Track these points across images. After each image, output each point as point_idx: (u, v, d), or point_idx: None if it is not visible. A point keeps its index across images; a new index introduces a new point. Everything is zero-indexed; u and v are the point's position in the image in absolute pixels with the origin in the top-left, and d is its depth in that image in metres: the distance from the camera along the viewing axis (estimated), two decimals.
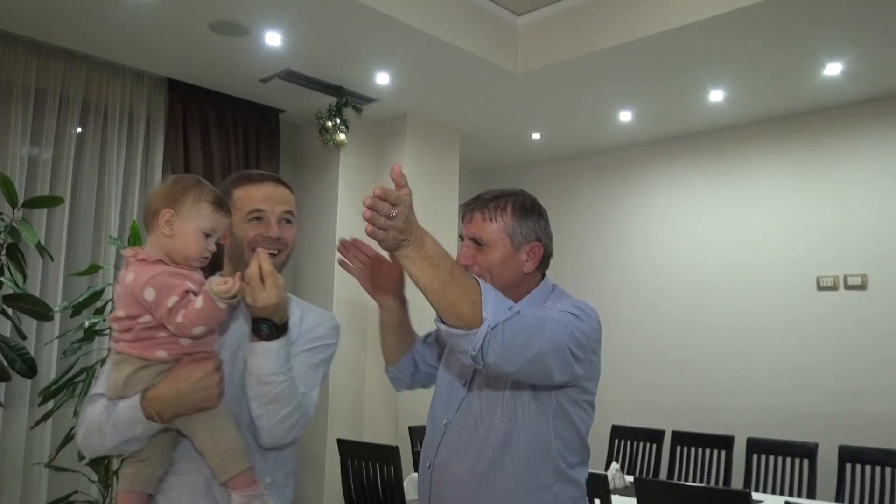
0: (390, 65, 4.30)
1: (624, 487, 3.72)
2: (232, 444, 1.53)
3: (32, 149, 4.04)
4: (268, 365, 1.55)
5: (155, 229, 1.54)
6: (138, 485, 1.54)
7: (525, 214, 1.77)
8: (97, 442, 1.53)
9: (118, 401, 1.51)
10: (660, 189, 5.64)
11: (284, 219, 1.73)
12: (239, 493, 1.51)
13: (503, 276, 1.74)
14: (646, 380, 5.47)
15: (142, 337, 1.49)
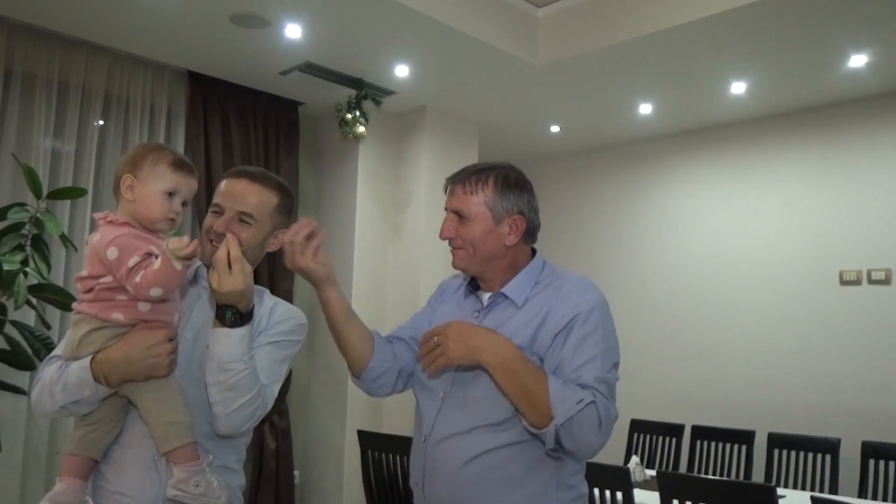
0: (409, 57, 4.29)
1: (644, 481, 3.70)
2: (177, 417, 1.53)
3: (55, 141, 4.07)
4: (229, 352, 1.56)
5: (120, 198, 1.57)
6: (83, 448, 1.55)
7: (507, 188, 1.79)
8: (48, 402, 1.54)
9: (70, 362, 1.53)
10: (680, 182, 5.61)
11: (239, 218, 1.73)
12: (180, 468, 1.51)
13: (485, 249, 1.77)
14: (665, 374, 5.44)
15: (101, 297, 1.51)
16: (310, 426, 5.16)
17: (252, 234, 1.73)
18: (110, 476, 1.59)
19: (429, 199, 5.04)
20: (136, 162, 1.57)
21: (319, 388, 5.11)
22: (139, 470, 1.58)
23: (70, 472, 1.53)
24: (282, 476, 4.76)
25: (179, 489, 1.50)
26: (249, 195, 1.75)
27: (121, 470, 1.59)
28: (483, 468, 1.69)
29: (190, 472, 1.51)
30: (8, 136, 3.87)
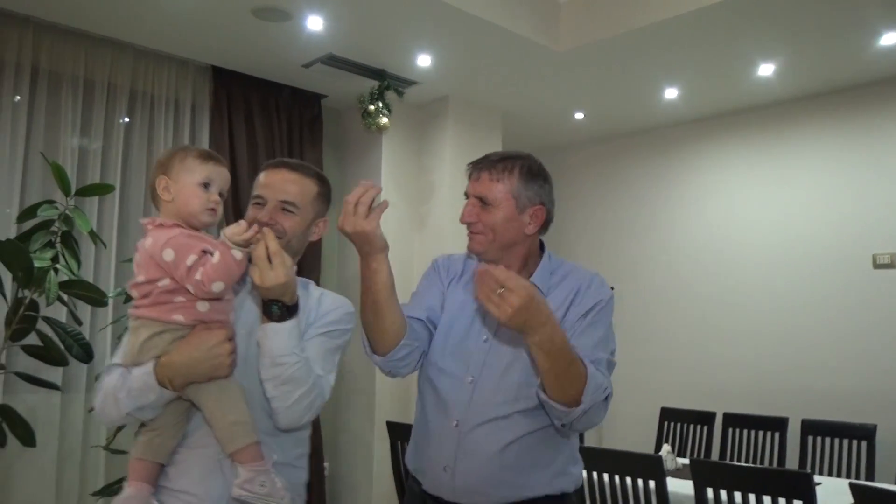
0: (432, 46, 4.27)
1: (676, 469, 3.67)
2: (240, 417, 1.54)
3: (83, 139, 4.11)
4: (280, 346, 1.56)
5: (159, 202, 1.59)
6: (150, 454, 1.57)
7: (531, 178, 1.82)
8: (113, 410, 1.55)
9: (133, 368, 1.53)
10: (707, 167, 5.53)
11: (282, 207, 1.74)
12: (245, 468, 1.51)
13: (505, 236, 1.80)
14: (694, 361, 5.38)
15: (160, 301, 1.52)
16: (338, 418, 5.18)
17: (296, 223, 1.75)
18: (174, 476, 1.61)
19: (453, 189, 5.02)
20: (165, 163, 1.59)
21: (346, 380, 5.12)
22: (204, 470, 1.59)
23: (137, 476, 1.55)
24: (312, 468, 4.74)
25: (245, 489, 1.50)
26: (290, 184, 1.76)
27: (185, 470, 1.60)
28: (520, 451, 1.75)
29: (255, 472, 1.51)
30: (36, 135, 3.91)
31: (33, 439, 3.16)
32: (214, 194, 1.60)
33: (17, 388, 3.63)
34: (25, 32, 3.85)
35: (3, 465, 3.66)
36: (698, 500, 2.86)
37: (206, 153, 1.62)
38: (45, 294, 3.09)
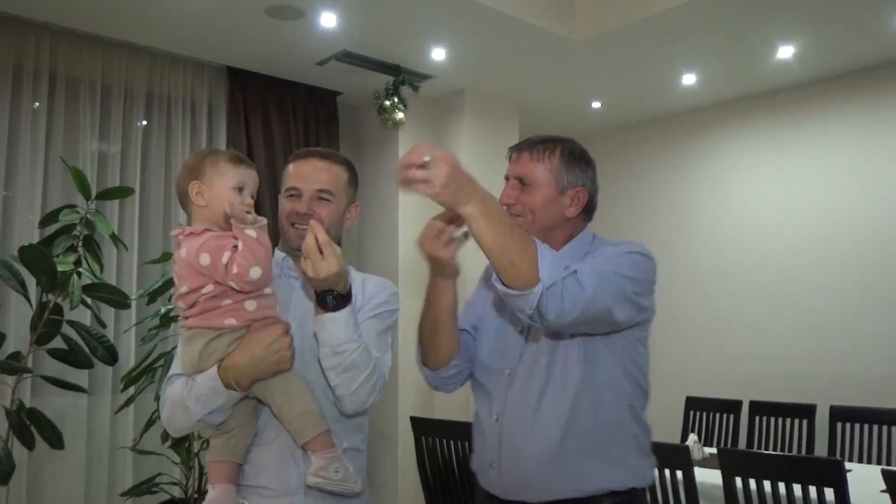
0: (446, 39, 4.25)
1: (703, 459, 3.63)
2: (308, 406, 1.57)
3: (101, 143, 4.14)
4: (338, 335, 1.58)
5: (192, 207, 1.59)
6: (227, 454, 1.60)
7: (573, 160, 1.78)
8: (182, 418, 1.57)
9: (196, 375, 1.55)
10: (727, 153, 5.47)
11: (318, 196, 1.75)
12: (318, 455, 1.54)
13: (544, 218, 1.75)
14: (719, 349, 5.32)
15: (208, 308, 1.54)
16: None
17: (333, 211, 1.76)
18: (250, 473, 1.64)
19: None
20: (196, 168, 1.59)
21: None
22: (278, 464, 1.63)
23: (219, 478, 1.59)
24: None
25: (320, 476, 1.53)
26: (323, 173, 1.77)
27: (260, 466, 1.64)
28: (567, 440, 1.69)
29: (328, 459, 1.55)
30: (56, 140, 3.94)
31: (61, 442, 3.19)
32: (247, 197, 1.61)
33: (44, 391, 3.67)
34: (42, 39, 3.88)
35: (33, 468, 3.70)
36: (727, 489, 2.83)
37: (236, 156, 1.63)
38: (68, 298, 3.11)
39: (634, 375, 1.73)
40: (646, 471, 1.75)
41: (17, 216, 3.80)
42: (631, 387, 1.72)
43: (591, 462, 1.68)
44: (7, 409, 3.13)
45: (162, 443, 3.53)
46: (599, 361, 1.69)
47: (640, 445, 1.74)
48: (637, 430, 1.73)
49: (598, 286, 1.51)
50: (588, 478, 1.68)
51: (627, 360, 1.71)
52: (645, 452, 1.75)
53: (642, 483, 1.73)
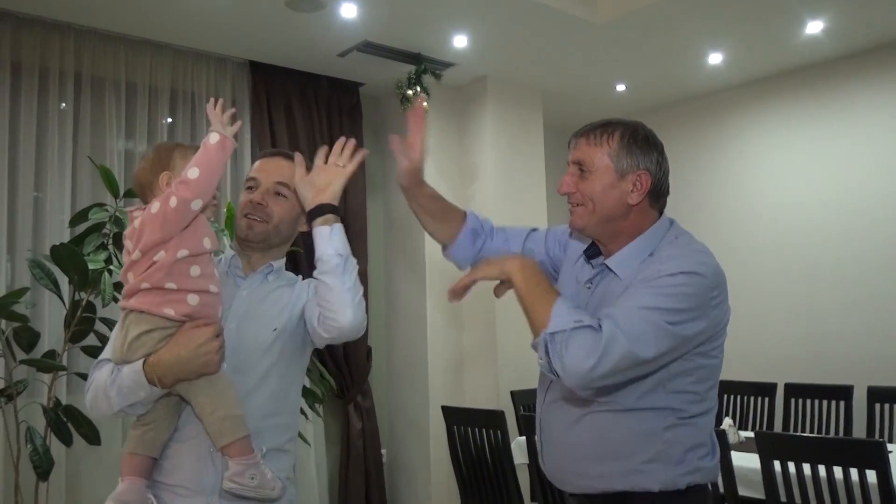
0: (467, 26, 4.21)
1: (739, 443, 3.59)
2: (231, 411, 1.56)
3: (128, 141, 4.17)
4: (321, 248, 1.66)
5: (160, 194, 1.59)
6: (142, 448, 1.59)
7: (634, 143, 1.69)
8: (104, 405, 1.59)
9: (122, 366, 1.56)
10: (756, 133, 5.37)
11: (275, 191, 1.78)
12: (235, 461, 1.54)
13: (605, 206, 1.67)
14: (752, 331, 5.24)
15: (153, 284, 1.53)
16: (393, 405, 5.20)
17: (286, 209, 1.79)
18: (167, 470, 1.64)
19: (496, 169, 4.97)
20: (164, 160, 1.62)
21: (400, 367, 5.14)
22: (195, 463, 1.62)
23: (131, 471, 1.58)
24: (370, 455, 4.82)
25: (235, 482, 1.54)
26: (284, 168, 1.81)
27: (178, 464, 1.63)
28: (591, 431, 1.65)
29: (245, 466, 1.54)
30: (83, 140, 3.98)
31: (98, 437, 3.23)
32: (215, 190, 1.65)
33: (80, 388, 3.71)
34: (67, 40, 3.91)
35: (71, 464, 3.76)
36: (765, 473, 2.79)
37: None
38: (100, 295, 3.14)
39: (686, 391, 1.62)
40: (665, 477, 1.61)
41: (47, 216, 3.84)
42: (677, 402, 1.61)
43: (608, 461, 1.63)
44: (44, 407, 3.18)
45: None
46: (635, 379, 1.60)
47: (674, 453, 1.61)
48: (673, 436, 1.61)
49: (636, 339, 1.47)
50: (603, 476, 1.64)
51: (677, 381, 1.61)
52: (680, 461, 1.62)
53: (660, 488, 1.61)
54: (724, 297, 1.65)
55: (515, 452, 3.67)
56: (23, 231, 3.77)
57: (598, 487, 1.66)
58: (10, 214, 3.74)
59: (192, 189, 1.51)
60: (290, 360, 1.78)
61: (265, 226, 1.76)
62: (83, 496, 3.81)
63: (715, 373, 1.68)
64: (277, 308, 1.76)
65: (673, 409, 1.61)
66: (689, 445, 1.62)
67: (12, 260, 3.76)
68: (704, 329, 1.58)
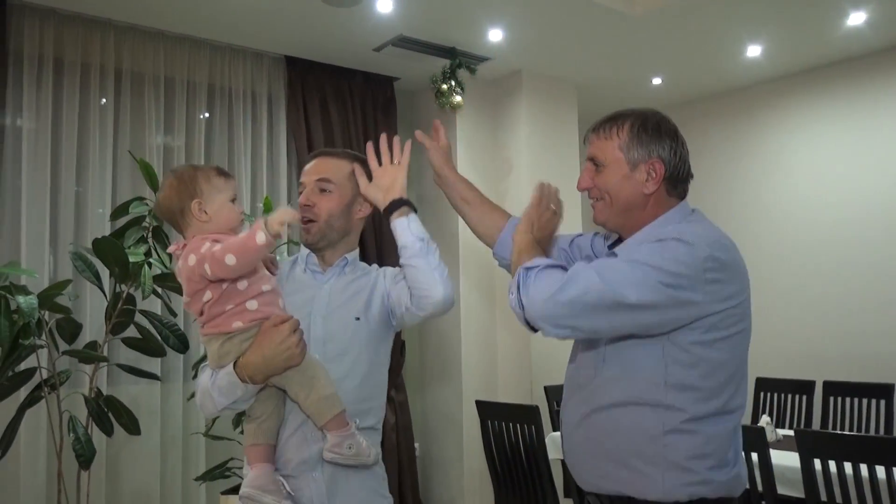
0: (503, 20, 4.20)
1: (777, 441, 3.54)
2: (324, 391, 1.68)
3: (166, 136, 4.22)
4: (402, 237, 1.78)
5: (190, 223, 1.69)
6: (260, 438, 1.73)
7: (644, 132, 1.68)
8: (209, 405, 1.72)
9: (219, 370, 1.69)
10: (794, 127, 5.28)
11: (319, 188, 1.88)
12: (334, 434, 1.68)
13: (621, 198, 1.68)
14: (789, 328, 5.17)
15: (214, 314, 1.66)
16: (426, 399, 5.21)
17: (332, 201, 1.88)
18: (277, 463, 1.77)
19: (530, 164, 4.95)
20: (192, 187, 1.69)
21: (434, 362, 5.14)
22: (297, 447, 1.76)
23: (257, 459, 1.71)
24: (403, 449, 4.83)
25: (335, 451, 1.68)
26: (323, 165, 1.92)
27: (285, 457, 1.77)
28: (604, 427, 1.64)
29: (342, 437, 1.68)
30: (123, 135, 4.04)
31: (138, 427, 3.28)
32: (239, 206, 1.75)
33: (120, 379, 3.78)
34: (107, 36, 3.97)
35: (112, 453, 3.83)
36: (805, 472, 2.75)
37: (222, 170, 1.74)
38: (140, 288, 3.19)
39: (690, 385, 1.56)
40: (691, 489, 1.55)
41: (88, 210, 3.91)
42: (680, 398, 1.56)
43: (610, 462, 1.62)
44: (86, 397, 3.24)
45: (233, 428, 3.60)
46: (630, 369, 1.60)
47: (675, 459, 1.55)
48: (674, 440, 1.55)
49: (586, 268, 1.53)
50: (611, 479, 1.63)
51: (679, 370, 1.56)
52: (686, 469, 1.55)
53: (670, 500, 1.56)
54: (729, 281, 1.58)
55: (550, 447, 3.66)
56: (65, 224, 3.84)
57: (603, 487, 1.65)
58: (53, 208, 3.81)
59: (225, 272, 1.60)
60: (377, 344, 1.88)
61: (317, 224, 1.87)
62: (123, 485, 3.88)
63: (722, 369, 1.59)
64: (357, 298, 1.87)
65: (675, 408, 1.56)
66: (693, 452, 1.55)
67: (55, 253, 3.84)
68: (698, 302, 1.52)
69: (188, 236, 1.69)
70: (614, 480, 1.62)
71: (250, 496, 1.66)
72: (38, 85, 3.79)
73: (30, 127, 3.76)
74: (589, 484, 1.70)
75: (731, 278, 1.58)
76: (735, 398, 1.62)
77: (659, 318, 1.52)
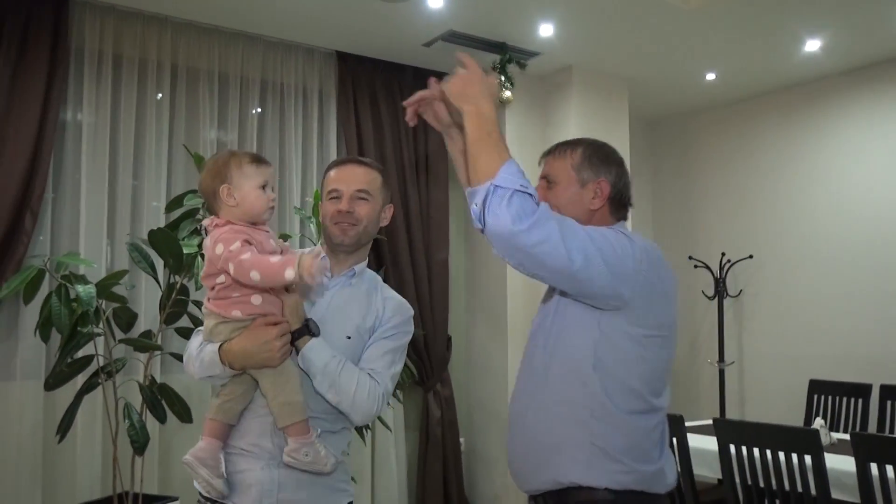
0: (554, 14, 4.17)
1: (831, 445, 3.46)
2: (290, 398, 1.76)
3: (220, 131, 4.30)
4: (322, 357, 1.81)
5: (222, 206, 1.78)
6: (221, 415, 1.81)
7: (595, 156, 1.86)
8: (191, 369, 1.87)
9: (207, 343, 1.81)
10: (852, 125, 5.12)
11: (358, 196, 1.95)
12: (293, 440, 1.75)
13: (570, 212, 1.78)
14: (845, 331, 5.02)
15: (221, 296, 1.76)
16: (472, 394, 5.22)
17: (370, 209, 1.97)
18: (236, 433, 1.85)
19: None
20: (221, 171, 1.77)
21: (479, 357, 5.15)
22: (258, 432, 1.83)
23: (210, 433, 1.80)
24: (448, 443, 4.85)
25: (292, 457, 1.75)
26: (360, 175, 1.98)
27: (244, 431, 1.84)
28: (529, 403, 1.82)
29: (300, 444, 1.75)
30: (178, 129, 4.13)
31: (189, 415, 3.36)
32: (270, 192, 1.80)
33: (173, 368, 3.87)
34: (164, 32, 4.06)
35: (164, 440, 3.92)
36: (861, 476, 2.68)
37: (256, 157, 1.81)
38: (193, 279, 3.26)
39: (616, 376, 1.70)
40: (616, 476, 1.68)
41: (144, 203, 4.01)
42: (606, 386, 1.69)
43: (543, 453, 1.75)
44: (140, 385, 3.32)
45: None
46: (564, 352, 1.75)
47: (603, 449, 1.68)
48: (600, 428, 1.68)
49: (545, 218, 1.56)
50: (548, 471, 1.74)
51: (608, 356, 1.70)
52: (611, 457, 1.68)
53: (609, 484, 1.67)
54: (656, 280, 1.73)
55: None
56: (122, 216, 3.94)
57: (538, 480, 1.77)
58: (111, 201, 3.91)
59: (245, 281, 1.67)
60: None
61: (356, 228, 1.94)
62: (174, 471, 3.96)
63: (650, 371, 1.73)
64: (352, 319, 1.93)
65: (605, 402, 1.69)
66: (623, 444, 1.68)
67: (112, 244, 3.94)
68: (630, 287, 1.66)
69: (220, 216, 1.78)
70: (550, 470, 1.72)
71: (189, 464, 1.78)
72: (97, 81, 3.90)
73: (89, 122, 3.87)
74: (528, 482, 1.82)
75: (658, 282, 1.74)
76: (660, 398, 1.76)
77: (593, 287, 1.64)
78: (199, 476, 1.77)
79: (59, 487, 3.71)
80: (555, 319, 1.80)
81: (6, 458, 3.58)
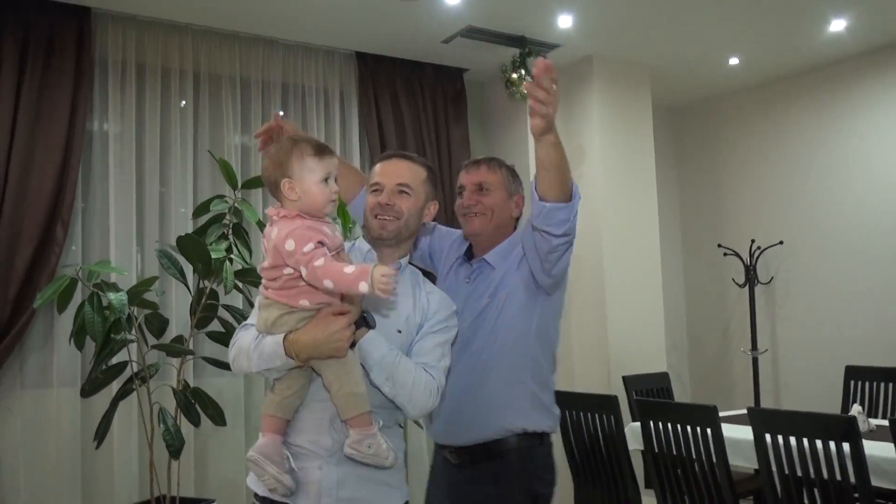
0: (572, 5, 4.14)
1: (868, 431, 3.40)
2: (355, 388, 1.72)
3: (243, 135, 4.34)
4: (381, 349, 1.82)
5: (284, 199, 1.73)
6: (280, 411, 1.77)
7: (514, 176, 2.30)
8: (244, 364, 1.80)
9: (265, 335, 1.75)
10: (879, 106, 5.02)
11: (398, 190, 1.95)
12: (356, 431, 1.72)
13: (499, 217, 2.21)
14: (882, 315, 4.93)
15: (287, 286, 1.70)
16: None
17: (411, 203, 1.96)
18: (290, 432, 1.82)
19: (603, 152, 4.88)
20: (283, 164, 1.72)
21: None
22: (315, 428, 1.80)
23: (270, 429, 1.76)
24: None
25: (355, 448, 1.72)
26: (402, 169, 1.99)
27: (300, 428, 1.81)
28: (473, 372, 2.17)
29: (363, 436, 1.72)
30: (202, 135, 4.18)
31: (223, 419, 3.39)
32: (333, 184, 1.74)
33: (206, 372, 3.91)
34: (185, 40, 4.10)
35: (199, 443, 3.96)
36: None
37: (319, 148, 1.74)
38: (223, 283, 3.29)
39: (546, 343, 2.20)
40: (548, 422, 2.22)
41: (172, 209, 4.06)
42: (540, 353, 2.18)
43: (501, 408, 2.13)
44: (174, 389, 3.36)
45: None
46: (511, 325, 2.13)
47: (538, 402, 2.18)
48: (536, 388, 2.18)
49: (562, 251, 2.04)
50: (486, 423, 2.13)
51: (542, 328, 2.18)
52: (546, 407, 2.21)
53: (545, 429, 2.20)
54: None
55: (629, 438, 3.61)
56: (150, 224, 3.99)
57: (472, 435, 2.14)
58: (139, 208, 3.97)
59: (317, 285, 1.65)
60: None
61: (397, 222, 1.93)
62: (210, 474, 4.01)
63: (557, 336, 2.31)
64: (401, 313, 1.93)
65: (536, 365, 2.18)
66: (550, 398, 2.23)
67: (141, 251, 3.99)
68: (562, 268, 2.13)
69: (285, 205, 1.74)
70: (495, 421, 2.12)
71: (256, 461, 1.73)
72: (122, 90, 3.95)
73: (115, 131, 3.92)
74: (468, 435, 2.14)
75: None
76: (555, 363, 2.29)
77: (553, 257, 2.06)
78: (265, 473, 1.72)
79: (98, 492, 3.77)
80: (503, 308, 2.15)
81: (46, 465, 3.65)
